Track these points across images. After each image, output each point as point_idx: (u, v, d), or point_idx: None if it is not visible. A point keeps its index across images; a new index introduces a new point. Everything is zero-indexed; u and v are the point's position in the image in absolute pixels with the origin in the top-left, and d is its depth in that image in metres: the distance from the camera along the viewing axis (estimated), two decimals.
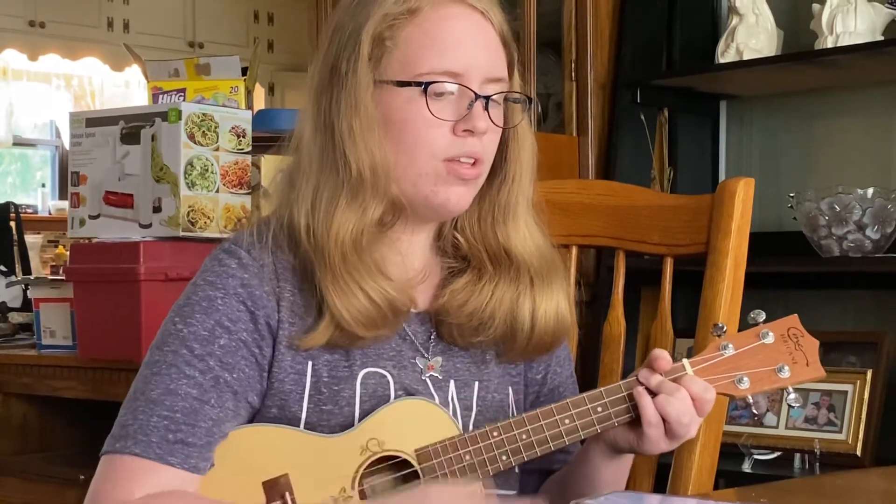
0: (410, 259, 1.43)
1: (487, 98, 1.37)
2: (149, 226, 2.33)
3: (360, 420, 1.36)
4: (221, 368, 1.33)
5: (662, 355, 1.38)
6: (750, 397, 1.40)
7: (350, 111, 1.36)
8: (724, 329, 1.41)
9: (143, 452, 1.29)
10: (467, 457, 1.35)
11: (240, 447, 1.34)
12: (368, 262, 1.36)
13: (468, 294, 1.43)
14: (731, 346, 1.40)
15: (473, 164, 1.38)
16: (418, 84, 1.35)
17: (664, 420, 1.36)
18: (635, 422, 1.38)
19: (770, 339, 1.41)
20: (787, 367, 1.40)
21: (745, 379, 1.39)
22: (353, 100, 1.36)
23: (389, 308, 1.36)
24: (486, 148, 1.39)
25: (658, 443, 1.38)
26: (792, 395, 1.41)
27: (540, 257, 1.45)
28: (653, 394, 1.36)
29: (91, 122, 2.44)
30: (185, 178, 2.28)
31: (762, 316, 1.41)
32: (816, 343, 1.43)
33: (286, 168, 1.44)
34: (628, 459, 1.48)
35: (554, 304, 1.45)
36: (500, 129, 1.41)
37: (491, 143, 1.40)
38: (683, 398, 1.36)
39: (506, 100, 1.41)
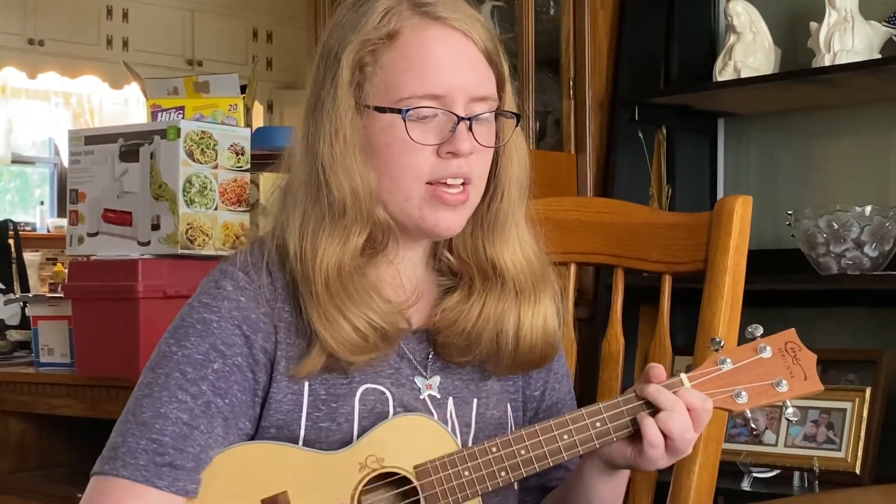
0: (407, 278, 1.43)
1: (471, 119, 1.36)
2: (147, 243, 2.33)
3: (358, 436, 1.36)
4: (214, 394, 1.33)
5: (657, 366, 1.38)
6: (748, 412, 1.40)
7: (331, 137, 1.35)
8: (722, 343, 1.41)
9: (130, 475, 1.29)
10: (466, 473, 1.34)
11: (238, 464, 1.34)
12: (352, 290, 1.35)
13: (458, 313, 1.42)
14: (728, 360, 1.40)
15: (462, 187, 1.37)
16: (397, 111, 1.34)
17: (667, 437, 1.35)
18: (633, 438, 1.37)
19: (768, 353, 1.41)
20: (784, 381, 1.40)
21: (744, 393, 1.39)
22: (334, 125, 1.35)
23: (375, 335, 1.35)
24: (475, 168, 1.38)
25: (657, 461, 1.37)
26: (790, 410, 1.41)
27: (530, 272, 1.44)
28: (652, 411, 1.36)
29: (90, 139, 2.44)
30: (184, 195, 2.28)
31: (760, 330, 1.41)
32: (814, 357, 1.42)
33: (282, 186, 1.43)
34: (625, 475, 1.47)
35: (540, 319, 1.44)
36: (491, 148, 1.40)
37: (480, 162, 1.39)
38: (684, 412, 1.35)
39: (498, 116, 1.41)
